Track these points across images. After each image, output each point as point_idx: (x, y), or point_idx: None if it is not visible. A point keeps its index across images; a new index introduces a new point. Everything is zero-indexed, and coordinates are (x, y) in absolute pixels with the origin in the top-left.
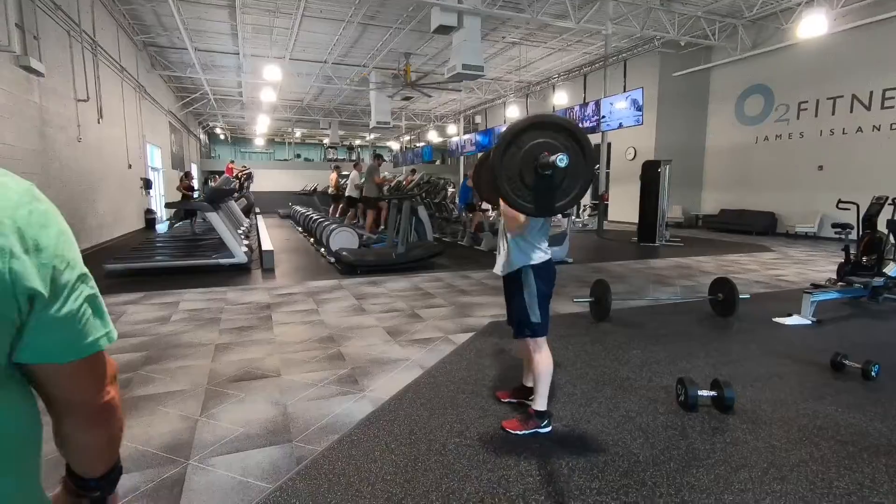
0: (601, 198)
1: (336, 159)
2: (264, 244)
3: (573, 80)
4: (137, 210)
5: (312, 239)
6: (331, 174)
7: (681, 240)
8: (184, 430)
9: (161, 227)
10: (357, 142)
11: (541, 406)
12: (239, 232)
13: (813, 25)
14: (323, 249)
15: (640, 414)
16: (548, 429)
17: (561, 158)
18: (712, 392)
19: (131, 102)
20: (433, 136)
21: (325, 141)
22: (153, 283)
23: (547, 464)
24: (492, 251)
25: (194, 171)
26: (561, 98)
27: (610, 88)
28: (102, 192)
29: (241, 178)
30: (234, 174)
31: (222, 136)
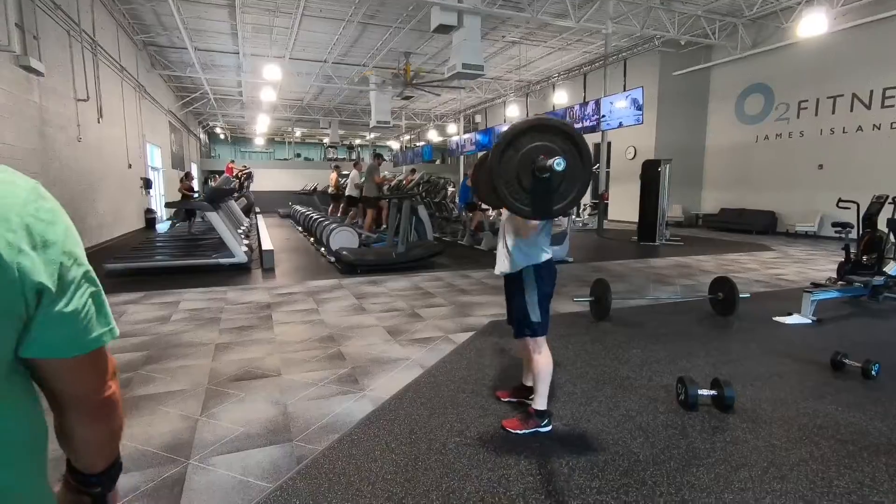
0: (601, 197)
1: (336, 159)
2: (264, 244)
3: (573, 79)
4: (137, 210)
5: (312, 238)
6: (331, 174)
7: (681, 239)
8: (184, 430)
9: (161, 227)
10: (357, 141)
11: (541, 405)
12: (239, 231)
13: (813, 24)
14: (323, 249)
15: (641, 413)
16: (548, 428)
17: (558, 162)
18: (712, 391)
19: (131, 102)
20: (433, 135)
21: (325, 140)
22: (153, 282)
23: (547, 463)
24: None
25: (194, 171)
26: (561, 97)
27: (610, 87)
28: (102, 192)
29: (241, 178)
30: (234, 174)
31: (222, 136)
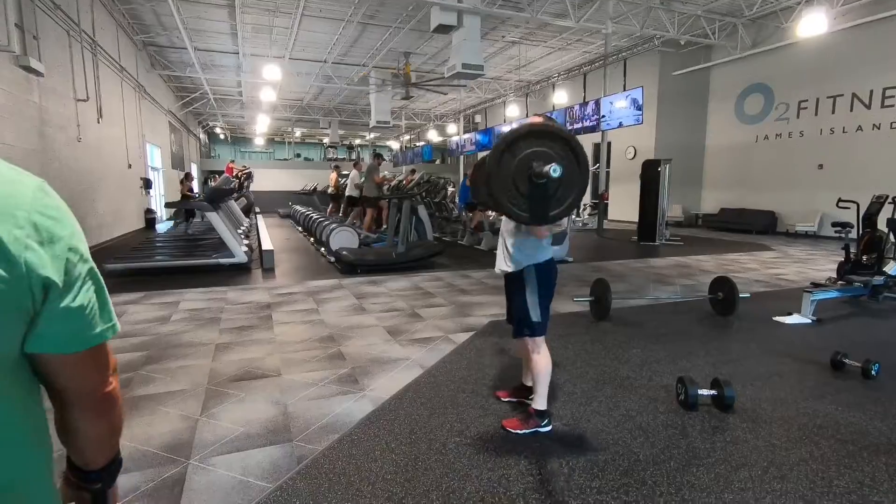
0: (601, 197)
1: (336, 159)
2: (264, 244)
3: (573, 79)
4: (137, 210)
5: (312, 238)
6: (331, 174)
7: (681, 239)
8: (184, 430)
9: (161, 227)
10: (357, 141)
11: (541, 405)
12: (239, 231)
13: (813, 24)
14: (323, 249)
15: (641, 413)
16: (548, 428)
17: (554, 168)
18: (712, 391)
19: (131, 102)
20: (433, 135)
21: (325, 140)
22: (153, 282)
23: (547, 463)
24: (492, 250)
25: (194, 171)
26: (561, 97)
27: (610, 87)
28: (102, 192)
29: (241, 178)
30: (233, 174)
31: (222, 136)
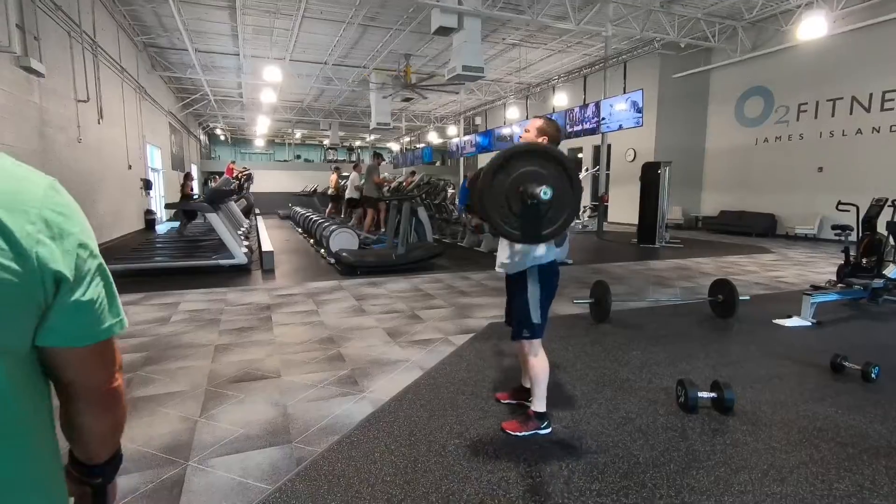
0: (601, 199)
1: (336, 160)
2: (264, 245)
3: (573, 81)
4: (137, 211)
5: (312, 240)
6: (331, 175)
7: (680, 241)
8: (183, 431)
9: (161, 228)
10: (357, 143)
11: (540, 407)
12: (239, 233)
13: (813, 27)
14: (323, 250)
15: (640, 415)
16: (547, 430)
17: (545, 191)
18: (712, 393)
19: (131, 103)
20: (433, 137)
21: (326, 142)
22: (153, 283)
23: (546, 465)
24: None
25: (194, 172)
26: (561, 99)
27: (610, 90)
28: (102, 193)
29: (241, 179)
30: (234, 175)
31: (222, 137)
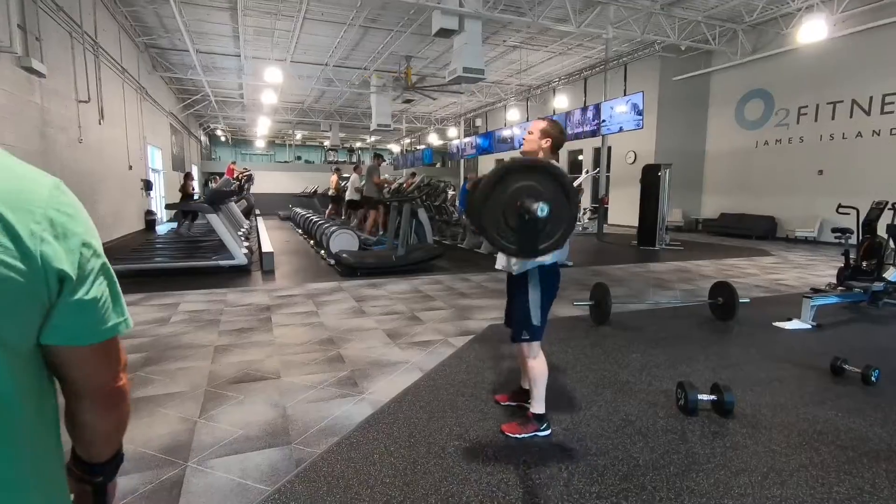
0: (601, 201)
1: (336, 161)
2: (264, 246)
3: (574, 83)
4: (138, 211)
5: (312, 241)
6: (331, 176)
7: (681, 243)
8: (183, 432)
9: (161, 229)
10: (358, 144)
11: (539, 409)
12: (239, 234)
13: (813, 30)
14: (323, 251)
15: (640, 418)
16: (547, 432)
17: (541, 208)
18: (712, 396)
19: (132, 104)
20: (434, 138)
21: (326, 143)
22: (153, 284)
23: (546, 467)
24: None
25: (195, 172)
26: (561, 101)
27: (610, 92)
28: (103, 193)
29: (242, 180)
30: (234, 176)
31: (223, 138)
